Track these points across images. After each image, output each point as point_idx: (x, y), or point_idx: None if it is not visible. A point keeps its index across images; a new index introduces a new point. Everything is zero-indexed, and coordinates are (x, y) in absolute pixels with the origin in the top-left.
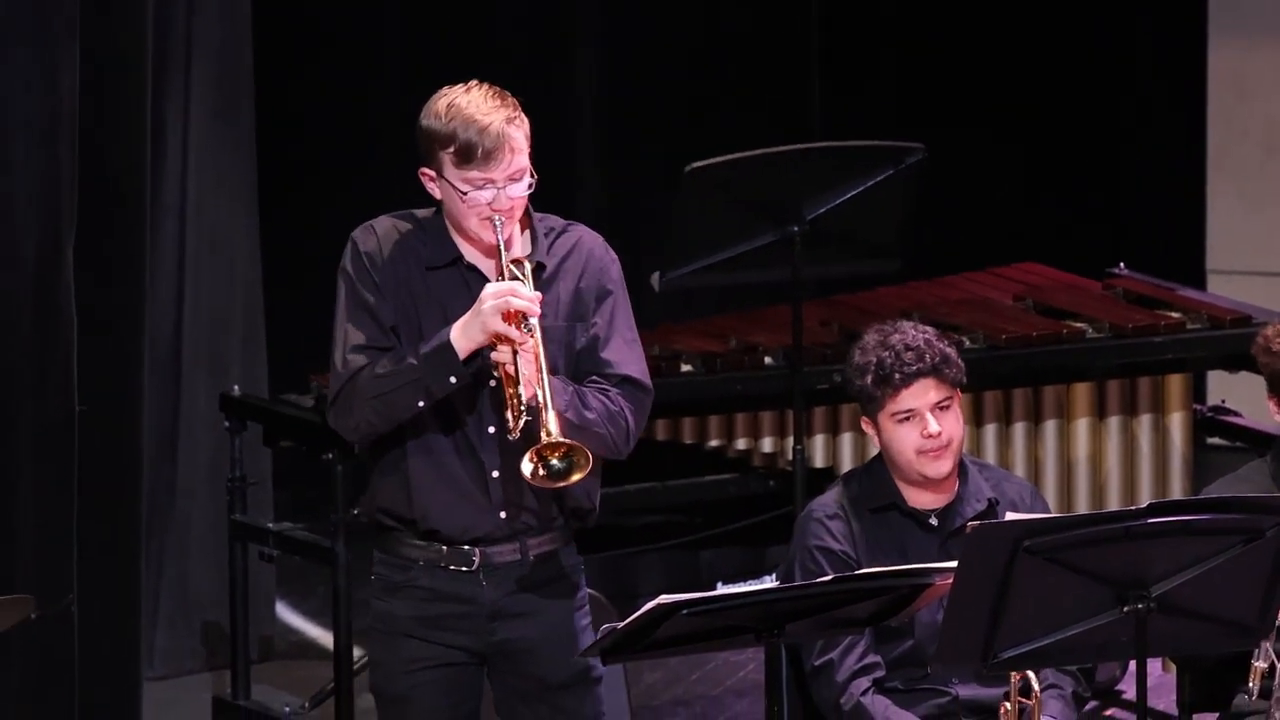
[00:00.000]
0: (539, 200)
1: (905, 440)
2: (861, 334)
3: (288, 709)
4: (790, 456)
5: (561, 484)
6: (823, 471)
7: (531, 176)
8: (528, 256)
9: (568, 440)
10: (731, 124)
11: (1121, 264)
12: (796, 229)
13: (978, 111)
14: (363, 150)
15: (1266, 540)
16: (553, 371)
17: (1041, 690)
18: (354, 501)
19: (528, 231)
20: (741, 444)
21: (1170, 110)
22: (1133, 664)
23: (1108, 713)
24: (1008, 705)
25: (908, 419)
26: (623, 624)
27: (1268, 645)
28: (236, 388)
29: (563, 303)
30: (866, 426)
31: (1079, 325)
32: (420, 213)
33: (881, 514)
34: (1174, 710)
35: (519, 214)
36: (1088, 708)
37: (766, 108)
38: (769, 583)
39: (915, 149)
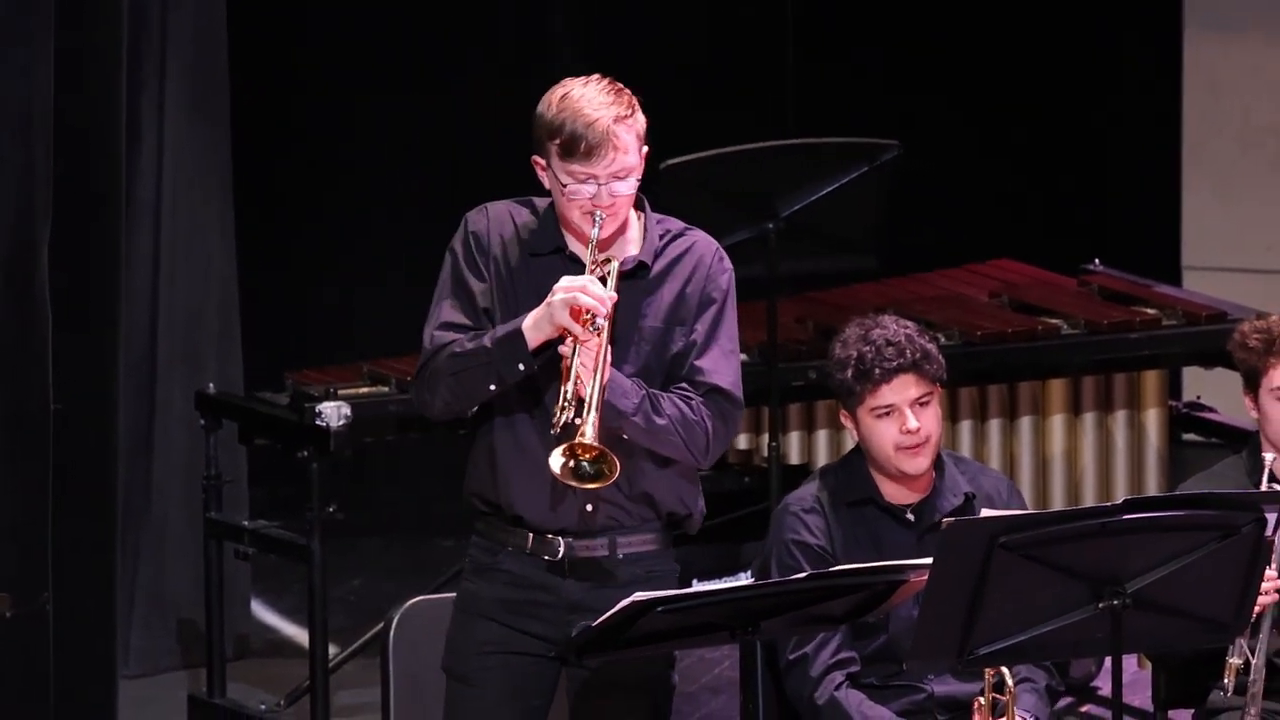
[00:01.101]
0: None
1: (884, 435)
2: (837, 330)
3: (263, 707)
4: (765, 453)
5: (587, 486)
6: (798, 468)
7: (638, 176)
8: (632, 256)
9: (599, 445)
10: (706, 120)
11: (1097, 260)
12: (772, 225)
13: (953, 108)
14: (340, 147)
15: (1241, 536)
16: (642, 373)
17: (1015, 684)
18: (330, 499)
19: (640, 229)
20: None
21: (1146, 107)
22: (1108, 660)
23: (1084, 709)
24: (981, 700)
25: (887, 414)
26: (598, 621)
27: (1242, 642)
28: (212, 385)
29: (664, 304)
30: (845, 420)
31: (1054, 322)
32: (538, 200)
33: (858, 508)
34: (1149, 706)
35: (623, 213)
36: (1064, 704)
37: (742, 104)
38: (744, 579)
39: (890, 145)
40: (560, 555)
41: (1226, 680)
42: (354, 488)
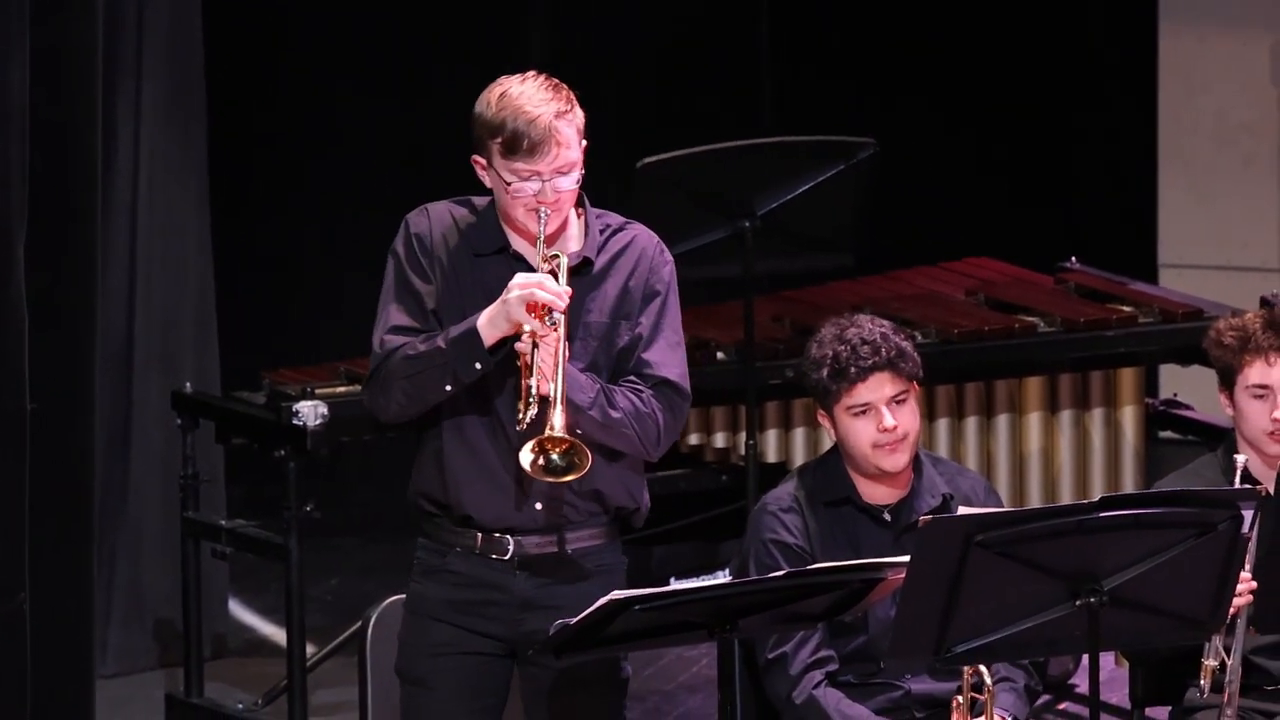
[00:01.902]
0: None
1: (861, 434)
2: (814, 329)
3: (241, 706)
4: (743, 452)
5: (559, 480)
6: (775, 467)
7: (580, 170)
8: (576, 252)
9: (569, 437)
10: (683, 119)
11: (1073, 258)
12: (748, 224)
13: (929, 106)
14: (316, 148)
15: (1218, 534)
16: (591, 368)
17: (994, 683)
18: (307, 498)
19: (582, 225)
20: (694, 439)
21: (1121, 104)
22: (1085, 658)
23: (1061, 706)
24: (960, 699)
25: (863, 413)
26: (575, 620)
27: (1217, 642)
28: (189, 385)
29: (609, 299)
30: (822, 420)
31: (1031, 319)
32: (477, 200)
33: (835, 508)
34: (1126, 704)
35: (567, 208)
36: (1041, 701)
37: (717, 101)
38: (722, 578)
39: (866, 144)
40: (510, 553)
41: (1203, 681)
42: (331, 487)
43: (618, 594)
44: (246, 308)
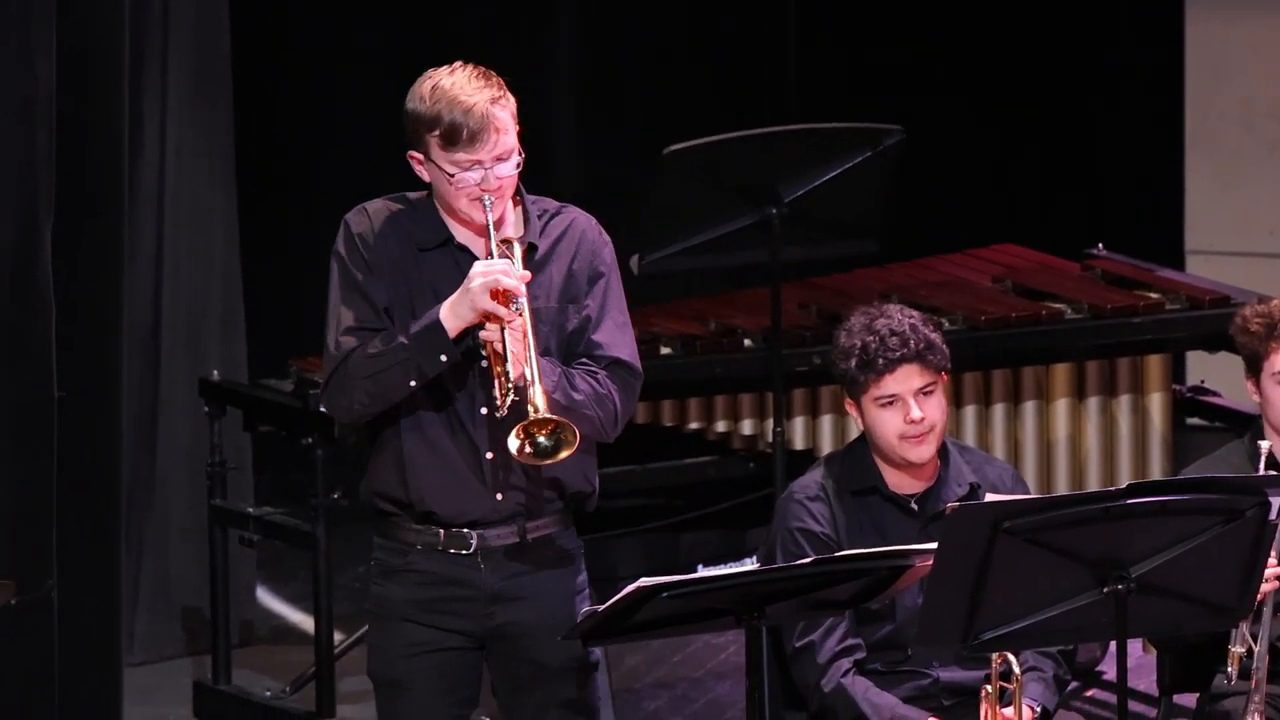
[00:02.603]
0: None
1: (888, 425)
2: (841, 316)
3: (268, 694)
4: (770, 439)
5: (549, 461)
6: (802, 454)
7: (519, 155)
8: (520, 237)
9: (555, 417)
10: (708, 105)
11: (1100, 245)
12: (775, 211)
13: (956, 93)
14: (341, 135)
15: (1245, 520)
16: (544, 353)
17: (1022, 672)
18: (334, 486)
19: (520, 212)
20: (721, 426)
21: (1148, 90)
22: (1113, 645)
23: (1088, 693)
24: (988, 688)
25: (890, 404)
26: (603, 607)
27: (1245, 628)
28: (215, 373)
29: (555, 284)
30: (850, 408)
31: (1058, 306)
32: (412, 195)
33: (862, 497)
34: (1154, 691)
35: (509, 193)
36: (1069, 689)
37: (744, 88)
38: (749, 565)
39: (894, 131)
40: (473, 547)
41: (1230, 668)
42: (358, 474)
43: (645, 581)
44: (273, 295)
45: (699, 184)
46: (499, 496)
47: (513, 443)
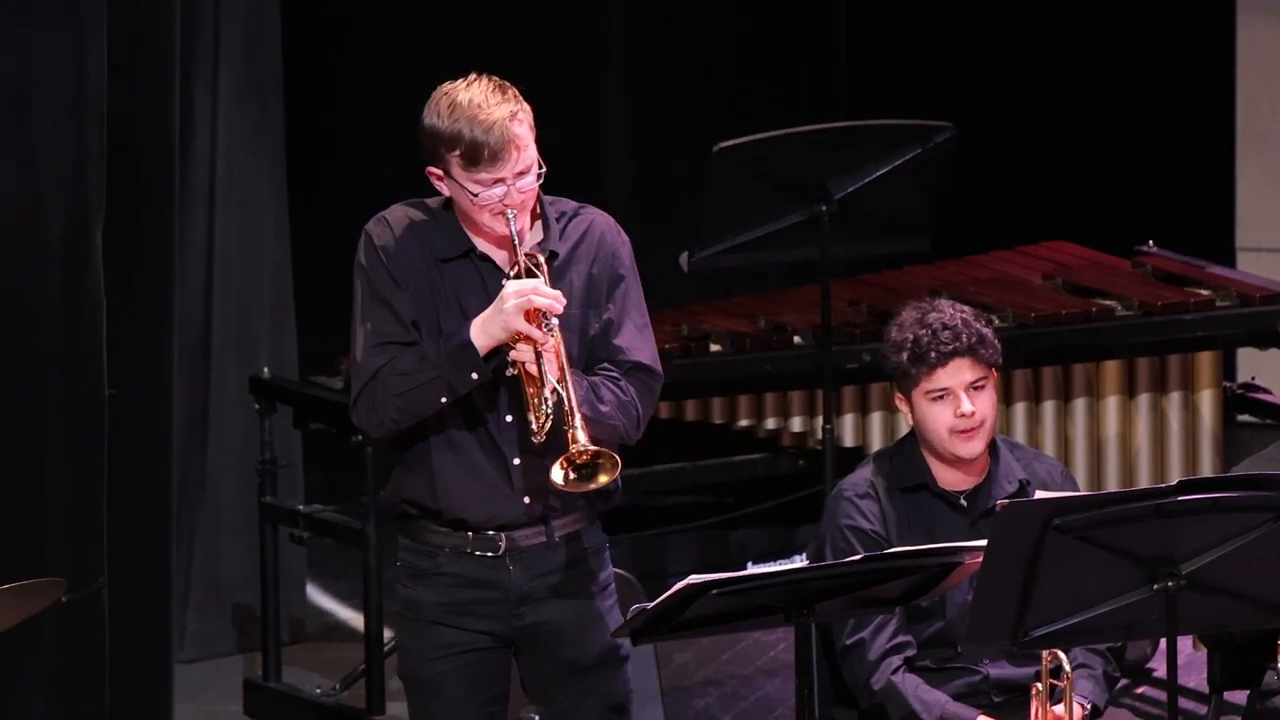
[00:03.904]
0: (569, 183)
1: (939, 419)
2: (891, 313)
3: (319, 690)
4: (820, 436)
5: (591, 487)
6: (852, 451)
7: (540, 167)
8: (539, 245)
9: (595, 448)
10: (759, 103)
11: (1150, 241)
12: (825, 208)
13: (1006, 90)
14: (392, 131)
15: None
16: (569, 361)
17: (1072, 670)
18: (384, 484)
19: (539, 219)
20: (771, 424)
21: (1199, 88)
22: (1163, 642)
23: (1139, 690)
24: (1039, 685)
25: (942, 398)
26: (652, 604)
27: None
28: (266, 370)
29: (576, 289)
30: (900, 404)
31: (1108, 303)
32: (431, 202)
33: (912, 494)
34: (1204, 688)
35: (531, 203)
36: (1119, 686)
37: (794, 85)
38: (799, 562)
39: (944, 128)
40: (501, 549)
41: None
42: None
43: (695, 578)
44: (324, 292)
45: (749, 181)
46: (526, 500)
47: (557, 474)
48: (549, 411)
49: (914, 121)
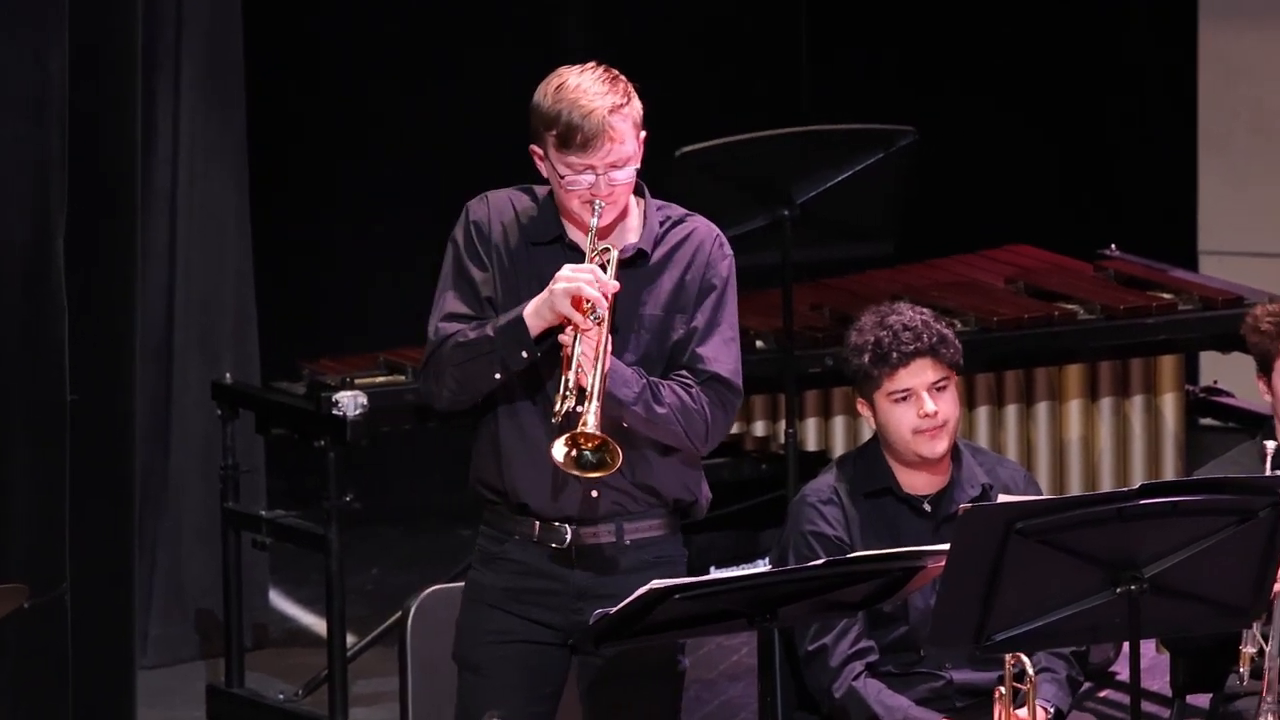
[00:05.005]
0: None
1: (902, 420)
2: (853, 317)
3: (281, 696)
4: (782, 440)
5: (591, 475)
6: (815, 455)
7: (637, 164)
8: (632, 244)
9: (601, 434)
10: (721, 107)
11: (1113, 245)
12: (787, 212)
13: (968, 94)
14: (356, 136)
15: (1259, 521)
16: (641, 361)
17: (1035, 674)
18: (346, 489)
19: (641, 217)
20: (734, 428)
21: (1161, 92)
22: (1126, 645)
23: (1102, 694)
24: (1002, 690)
25: (904, 399)
26: (615, 609)
27: (1256, 629)
28: (228, 375)
29: (664, 292)
30: (862, 408)
31: (1071, 307)
32: (538, 188)
33: (875, 499)
34: (1167, 692)
35: (622, 201)
36: (1082, 689)
37: (756, 89)
38: (761, 567)
39: (906, 132)
40: (567, 542)
41: (1242, 668)
42: (371, 477)
43: (657, 583)
44: (286, 297)
45: (711, 185)
46: (593, 494)
47: (558, 449)
48: (570, 393)
49: (876, 126)
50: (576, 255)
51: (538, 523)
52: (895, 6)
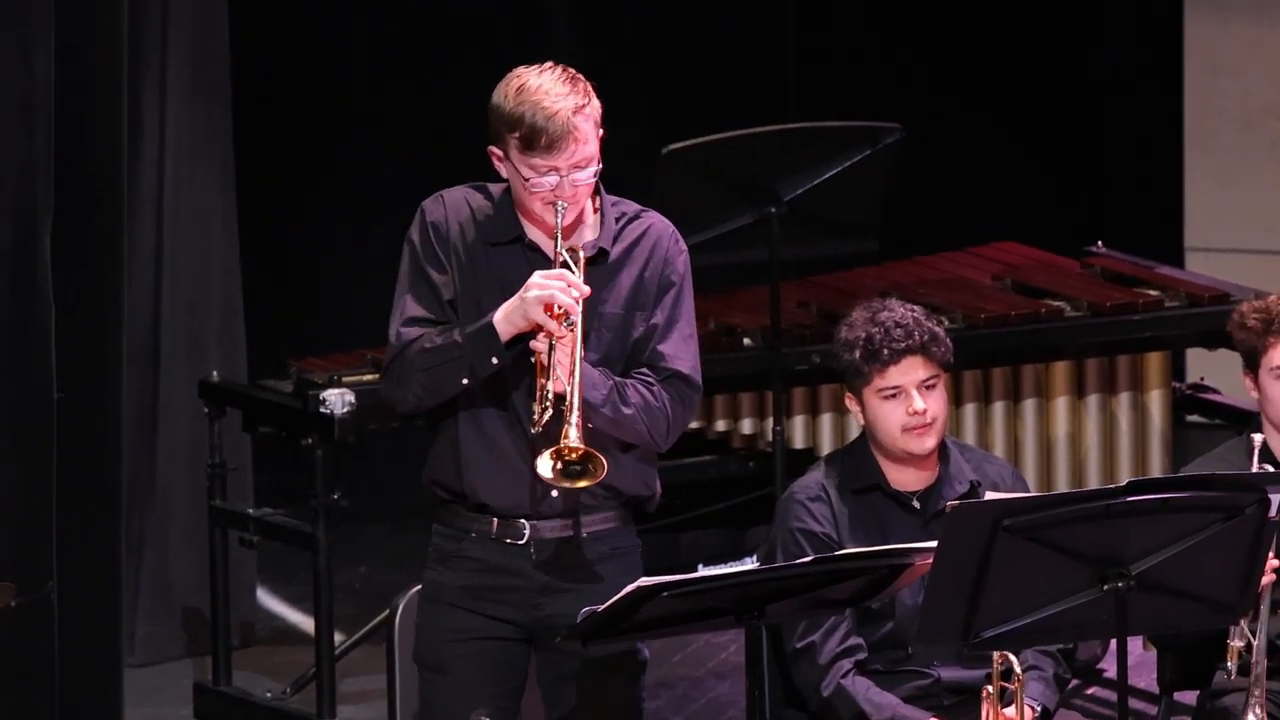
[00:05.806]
0: None
1: (890, 417)
2: (840, 314)
3: (269, 695)
4: (770, 438)
5: (577, 485)
6: (803, 452)
7: (598, 164)
8: (592, 242)
9: (585, 447)
10: (708, 105)
11: (1099, 242)
12: (774, 210)
13: (955, 91)
14: (342, 135)
15: (1245, 517)
16: (604, 360)
17: (1023, 672)
18: (334, 487)
19: (597, 215)
20: (721, 425)
21: (1147, 88)
22: (1113, 642)
23: (1089, 691)
24: (989, 688)
25: (894, 396)
26: (603, 606)
27: (1243, 624)
28: (215, 373)
29: (624, 290)
30: (851, 403)
31: (1057, 304)
32: (493, 186)
33: (864, 496)
34: (1155, 688)
35: (584, 200)
36: (1070, 686)
37: (742, 87)
38: (749, 564)
39: (892, 129)
40: (525, 538)
41: (1230, 664)
42: (358, 475)
43: (645, 580)
44: (273, 295)
45: (697, 183)
46: (553, 493)
47: (543, 465)
48: (549, 401)
49: (863, 123)
50: (537, 255)
51: (495, 520)
52: (881, 4)
